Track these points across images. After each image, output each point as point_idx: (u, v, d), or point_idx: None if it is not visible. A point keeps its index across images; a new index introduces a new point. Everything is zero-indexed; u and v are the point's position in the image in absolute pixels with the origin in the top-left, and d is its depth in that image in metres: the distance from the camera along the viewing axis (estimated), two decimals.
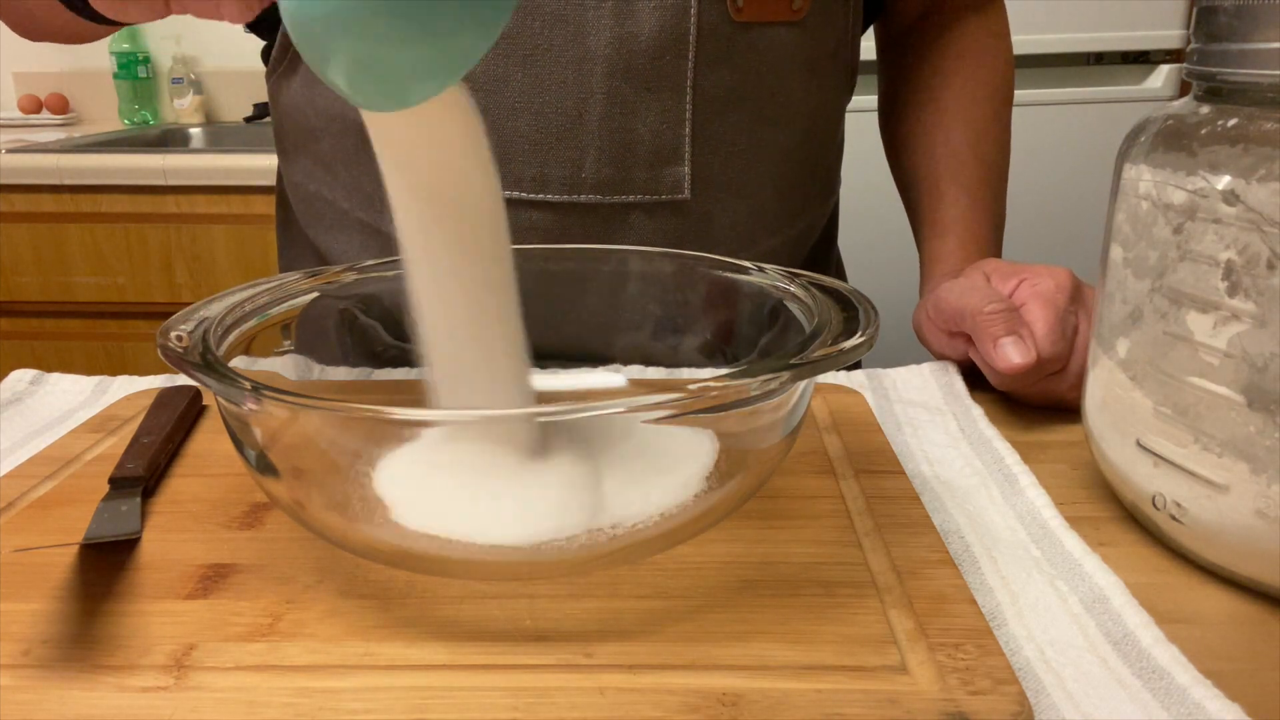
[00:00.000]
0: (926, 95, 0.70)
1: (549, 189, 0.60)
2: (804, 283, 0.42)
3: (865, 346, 0.34)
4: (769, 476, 0.39)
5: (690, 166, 0.61)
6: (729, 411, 0.34)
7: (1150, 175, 0.36)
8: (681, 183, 0.61)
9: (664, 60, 0.58)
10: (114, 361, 1.59)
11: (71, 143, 1.62)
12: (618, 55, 0.58)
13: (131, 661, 0.31)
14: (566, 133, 0.59)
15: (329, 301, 0.47)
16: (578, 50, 0.58)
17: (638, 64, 0.58)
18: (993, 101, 0.69)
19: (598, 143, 0.59)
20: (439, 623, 0.33)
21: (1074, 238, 1.44)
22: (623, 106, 0.59)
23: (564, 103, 0.59)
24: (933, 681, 0.29)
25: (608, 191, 0.60)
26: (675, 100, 0.59)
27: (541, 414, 0.33)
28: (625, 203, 0.61)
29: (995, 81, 0.70)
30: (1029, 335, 0.49)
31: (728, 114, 0.61)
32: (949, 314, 0.54)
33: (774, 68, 0.61)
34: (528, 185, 0.60)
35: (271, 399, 0.30)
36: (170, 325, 0.36)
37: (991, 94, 0.70)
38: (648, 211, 0.61)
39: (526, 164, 0.60)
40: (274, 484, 0.34)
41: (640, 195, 0.61)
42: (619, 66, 0.58)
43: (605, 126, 0.59)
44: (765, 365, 0.31)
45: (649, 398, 0.30)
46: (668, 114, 0.59)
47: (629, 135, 0.59)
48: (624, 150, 0.60)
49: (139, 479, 0.42)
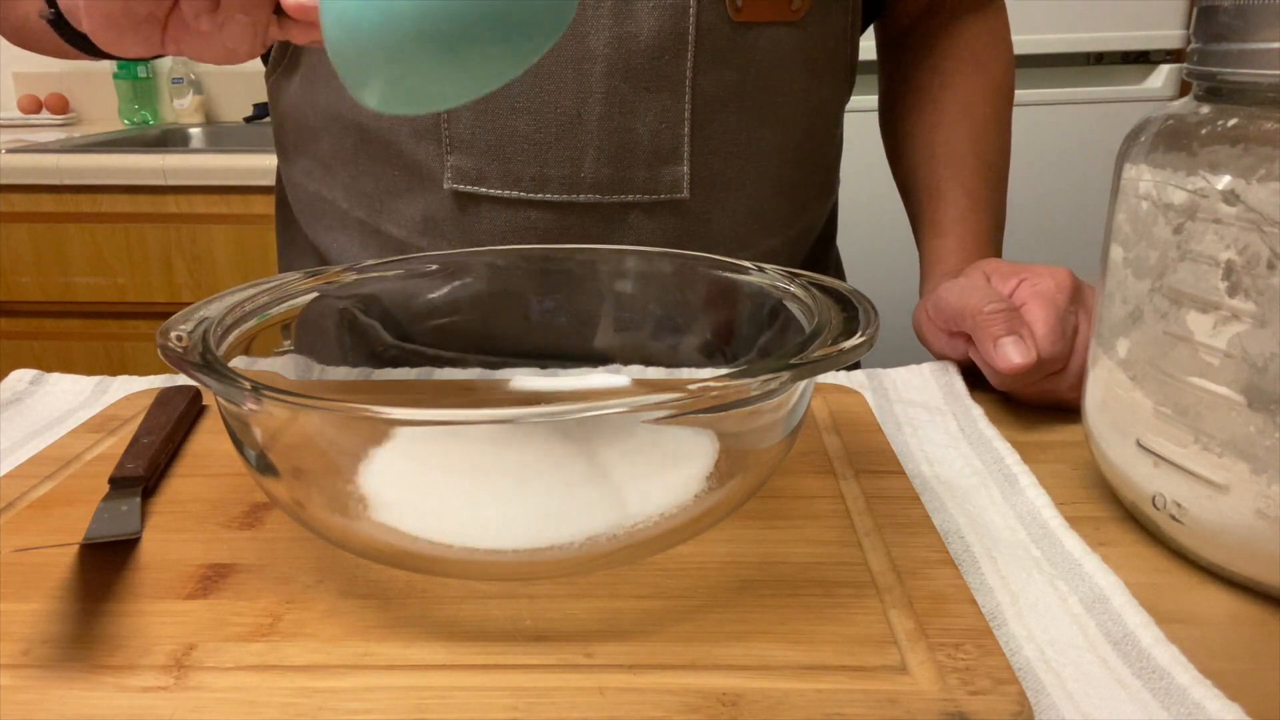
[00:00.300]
0: (926, 95, 0.70)
1: (548, 188, 0.60)
2: (804, 282, 0.42)
3: (865, 346, 0.34)
4: (769, 476, 0.39)
5: (689, 166, 0.61)
6: (729, 411, 0.34)
7: (1150, 175, 0.36)
8: (681, 182, 0.61)
9: (663, 60, 0.58)
10: (114, 361, 1.59)
11: (71, 143, 1.62)
12: (616, 55, 0.58)
13: (131, 661, 0.31)
14: (565, 132, 0.59)
15: (329, 302, 0.47)
16: (577, 50, 0.58)
17: (636, 63, 0.58)
18: (993, 101, 0.69)
19: (596, 142, 0.59)
20: (439, 623, 0.33)
21: (1074, 238, 1.44)
22: (621, 106, 0.59)
23: (563, 102, 0.59)
24: (933, 681, 0.29)
25: (607, 191, 0.61)
26: (674, 100, 0.59)
27: (542, 415, 0.33)
28: (624, 202, 0.61)
29: (995, 81, 0.70)
30: (1029, 335, 0.49)
31: (727, 114, 0.61)
32: (949, 314, 0.54)
33: (773, 68, 0.61)
34: (527, 185, 0.60)
35: (271, 399, 0.30)
36: (170, 325, 0.36)
37: (992, 94, 0.70)
38: (647, 211, 0.61)
39: (526, 163, 0.60)
40: (274, 484, 0.34)
41: (639, 195, 0.61)
42: (618, 66, 0.58)
43: (604, 126, 0.59)
44: (765, 365, 0.31)
45: (650, 398, 0.30)
46: (666, 114, 0.59)
47: (628, 135, 0.60)
48: (623, 150, 0.60)
49: (139, 479, 0.42)
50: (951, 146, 0.68)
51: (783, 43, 0.61)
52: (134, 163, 1.45)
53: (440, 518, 0.33)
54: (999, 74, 0.70)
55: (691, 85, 0.59)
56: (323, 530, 0.34)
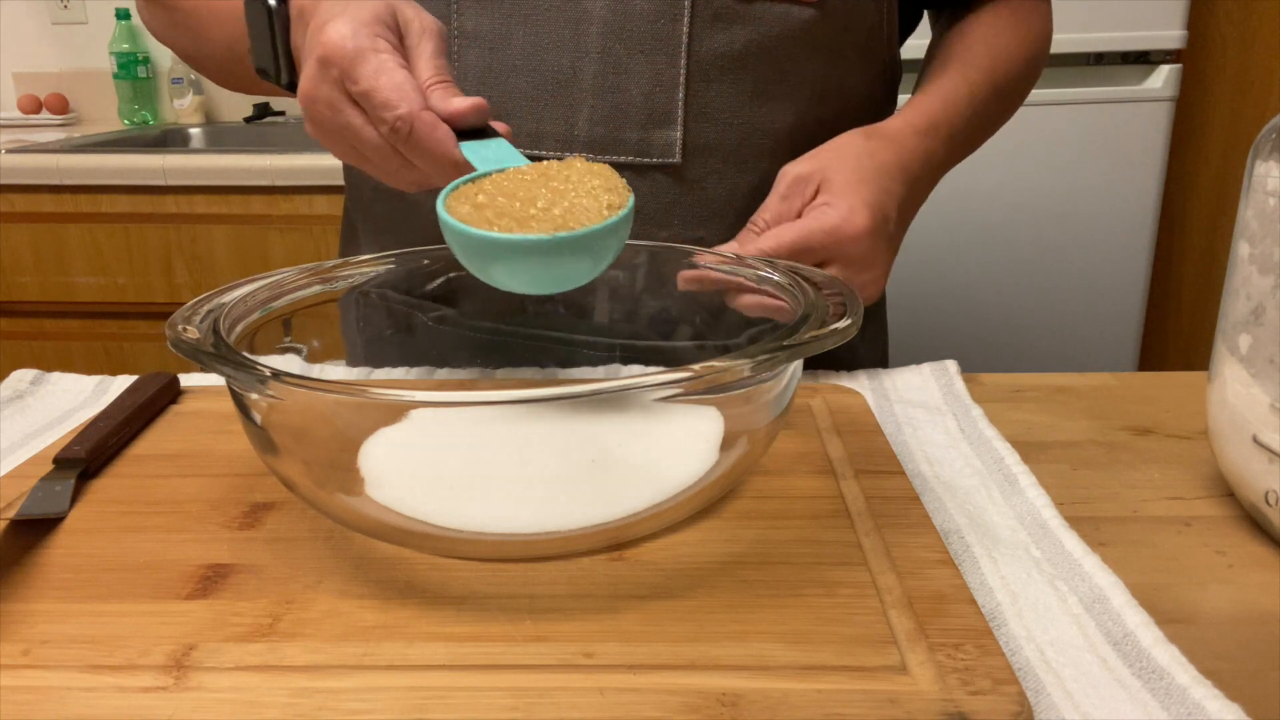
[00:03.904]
0: (957, 30, 0.70)
1: (544, 145, 0.62)
2: (785, 269, 0.44)
3: (853, 329, 0.36)
4: (761, 455, 0.40)
5: (682, 131, 0.61)
6: (730, 393, 0.36)
7: (1279, 172, 0.36)
8: (672, 146, 0.61)
9: (659, 23, 0.59)
10: (114, 361, 1.59)
11: (71, 143, 1.62)
12: (613, 15, 0.59)
13: (131, 661, 0.31)
14: (561, 90, 0.60)
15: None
16: (575, 10, 0.59)
17: (632, 25, 0.59)
18: (1023, 46, 0.68)
19: (590, 100, 0.60)
20: (439, 623, 0.33)
21: (1074, 237, 1.44)
22: (615, 66, 0.60)
23: (560, 61, 0.60)
24: (933, 681, 0.29)
25: (599, 151, 0.61)
26: (668, 63, 0.60)
27: (547, 394, 0.33)
28: (616, 163, 0.61)
29: (1023, 33, 0.69)
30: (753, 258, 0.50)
31: (724, 83, 0.61)
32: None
33: (780, 43, 0.61)
34: (524, 141, 0.62)
35: (292, 386, 0.32)
36: (176, 319, 0.37)
37: (1024, 40, 0.69)
38: (639, 174, 0.62)
39: (524, 120, 0.61)
40: (286, 465, 0.36)
41: (631, 156, 0.62)
42: (614, 27, 0.59)
43: (598, 85, 0.60)
44: (761, 347, 0.33)
45: (659, 376, 0.31)
46: (660, 76, 0.60)
47: (621, 95, 0.60)
48: (616, 110, 0.61)
49: (79, 461, 0.43)
50: (971, 55, 0.67)
51: (795, 21, 0.61)
52: (134, 163, 1.45)
53: (446, 500, 0.35)
54: (1033, 26, 0.70)
55: (687, 50, 0.59)
56: (328, 508, 0.36)
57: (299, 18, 0.49)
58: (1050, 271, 1.46)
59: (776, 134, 0.63)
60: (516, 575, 0.35)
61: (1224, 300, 0.40)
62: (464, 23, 0.60)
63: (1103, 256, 1.45)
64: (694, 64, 0.60)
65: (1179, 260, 1.75)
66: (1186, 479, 0.45)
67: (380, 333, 0.55)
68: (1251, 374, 0.37)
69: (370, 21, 0.46)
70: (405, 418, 0.36)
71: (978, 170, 1.26)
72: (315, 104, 0.47)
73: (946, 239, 1.43)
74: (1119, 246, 1.45)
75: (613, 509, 0.35)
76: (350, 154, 0.49)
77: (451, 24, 0.60)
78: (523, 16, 0.59)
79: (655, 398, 0.36)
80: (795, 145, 0.64)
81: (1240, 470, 0.39)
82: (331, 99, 0.46)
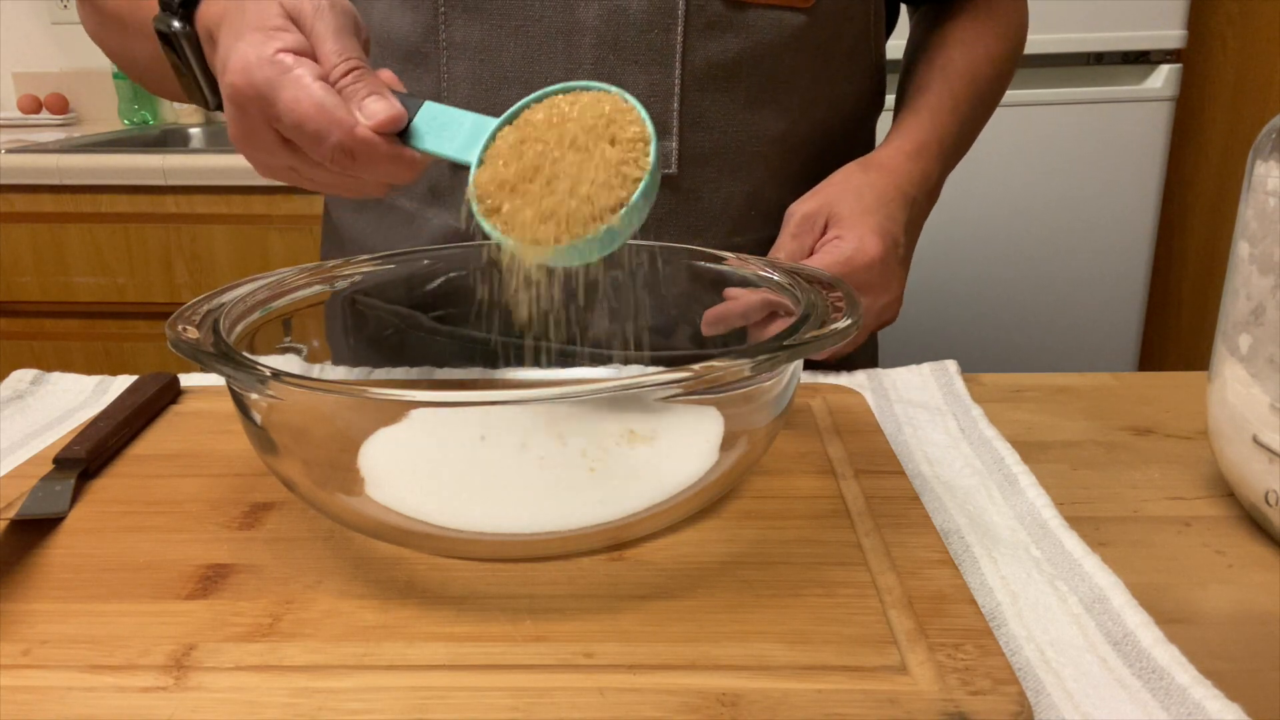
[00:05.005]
0: (935, 34, 0.70)
1: None
2: (785, 270, 0.45)
3: (853, 329, 0.36)
4: (761, 455, 0.40)
5: (678, 142, 0.61)
6: (731, 393, 0.36)
7: (1279, 172, 0.36)
8: (669, 157, 0.61)
9: (652, 34, 0.59)
10: (114, 361, 1.59)
11: (71, 143, 1.62)
12: (606, 27, 0.58)
13: (131, 661, 0.31)
14: None
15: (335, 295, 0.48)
16: (567, 21, 0.59)
17: (626, 36, 0.59)
18: (998, 35, 0.69)
19: None
20: (439, 623, 0.33)
21: (1074, 237, 1.44)
22: (610, 77, 0.59)
23: (553, 71, 0.59)
24: (933, 681, 0.29)
25: None
26: (663, 74, 0.59)
27: (547, 394, 0.33)
28: None
29: (1000, 29, 0.69)
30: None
31: (720, 92, 0.61)
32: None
33: (772, 50, 0.61)
34: None
35: (292, 386, 0.31)
36: (177, 319, 0.37)
37: (998, 34, 0.69)
38: None
39: None
40: (286, 465, 0.36)
41: None
42: (607, 37, 0.59)
43: None
44: (761, 347, 0.33)
45: (661, 376, 0.31)
46: (656, 87, 0.60)
47: None
48: None
49: (79, 461, 0.43)
50: (951, 64, 0.68)
51: (787, 27, 0.61)
52: (134, 163, 1.45)
53: (447, 500, 0.35)
54: (1009, 24, 0.70)
55: (681, 60, 0.59)
56: (327, 507, 0.36)
57: (208, 40, 0.47)
58: (1050, 271, 1.46)
59: (769, 141, 0.63)
60: (516, 575, 0.35)
61: (1224, 300, 0.40)
62: (452, 34, 0.59)
63: (1103, 256, 1.45)
64: (688, 73, 0.60)
65: (1179, 260, 1.75)
66: (1186, 479, 0.45)
67: (372, 338, 0.55)
68: (1251, 374, 0.37)
69: (267, 32, 0.42)
70: (405, 418, 0.36)
71: (978, 170, 1.26)
72: (252, 151, 0.45)
73: (947, 239, 1.43)
74: (1119, 246, 1.45)
75: (613, 509, 0.35)
76: (308, 184, 0.47)
77: (440, 35, 0.59)
78: (513, 27, 0.59)
79: (655, 398, 0.36)
80: (788, 151, 0.64)
81: (1240, 470, 0.39)
82: (264, 143, 0.44)
